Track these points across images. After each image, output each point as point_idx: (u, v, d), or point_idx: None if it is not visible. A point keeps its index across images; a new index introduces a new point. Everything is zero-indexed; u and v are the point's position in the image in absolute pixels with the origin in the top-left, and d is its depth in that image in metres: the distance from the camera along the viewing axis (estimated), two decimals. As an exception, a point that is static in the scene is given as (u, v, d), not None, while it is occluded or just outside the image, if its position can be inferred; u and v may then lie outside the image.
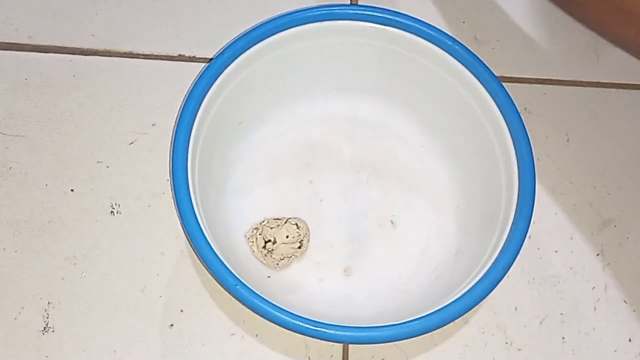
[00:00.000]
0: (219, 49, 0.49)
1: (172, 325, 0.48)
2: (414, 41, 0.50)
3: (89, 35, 0.57)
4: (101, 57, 0.57)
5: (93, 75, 0.56)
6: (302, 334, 0.41)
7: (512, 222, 0.45)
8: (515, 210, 0.45)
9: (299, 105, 0.54)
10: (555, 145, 0.57)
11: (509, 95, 0.48)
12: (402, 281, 0.50)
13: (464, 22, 0.61)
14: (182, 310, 0.48)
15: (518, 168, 0.47)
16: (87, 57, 0.57)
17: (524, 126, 0.47)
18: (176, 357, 0.47)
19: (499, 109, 0.48)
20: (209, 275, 0.49)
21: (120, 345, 0.47)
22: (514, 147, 0.47)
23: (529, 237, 0.50)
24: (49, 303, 0.48)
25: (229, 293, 0.42)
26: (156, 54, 0.57)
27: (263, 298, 0.41)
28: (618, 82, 0.60)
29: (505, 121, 0.48)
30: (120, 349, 0.47)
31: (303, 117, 0.54)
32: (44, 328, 0.47)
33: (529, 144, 0.47)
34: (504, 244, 0.44)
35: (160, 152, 0.53)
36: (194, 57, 0.57)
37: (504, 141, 0.48)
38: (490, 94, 0.49)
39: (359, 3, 0.60)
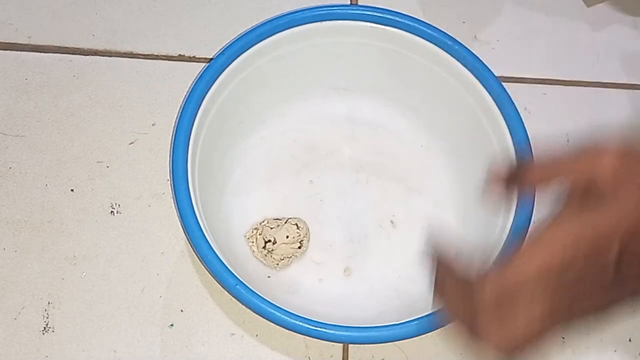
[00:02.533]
0: (219, 49, 0.49)
1: (172, 325, 0.48)
2: (414, 41, 0.50)
3: (89, 35, 0.57)
4: (101, 57, 0.57)
5: (93, 75, 0.56)
6: (302, 333, 0.41)
7: (512, 223, 0.45)
8: (515, 211, 0.45)
9: (299, 105, 0.54)
10: (555, 145, 0.57)
11: (509, 95, 0.48)
12: (402, 281, 0.50)
13: (464, 22, 0.61)
14: (182, 310, 0.48)
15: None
16: (87, 57, 0.57)
17: (523, 126, 0.48)
18: (176, 357, 0.47)
19: (499, 109, 0.48)
20: (209, 275, 0.49)
21: (120, 345, 0.47)
22: (514, 147, 0.47)
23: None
24: (49, 303, 0.48)
25: (229, 293, 0.42)
26: (156, 54, 0.57)
27: (263, 298, 0.41)
28: (618, 82, 0.60)
29: (505, 121, 0.48)
30: (120, 349, 0.47)
31: (303, 117, 0.54)
32: (44, 328, 0.47)
33: (530, 144, 0.47)
34: (503, 244, 0.44)
35: (160, 152, 0.53)
36: (194, 57, 0.57)
37: (504, 141, 0.48)
38: (490, 94, 0.49)
39: (359, 3, 0.60)
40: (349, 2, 0.60)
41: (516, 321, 0.28)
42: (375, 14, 0.50)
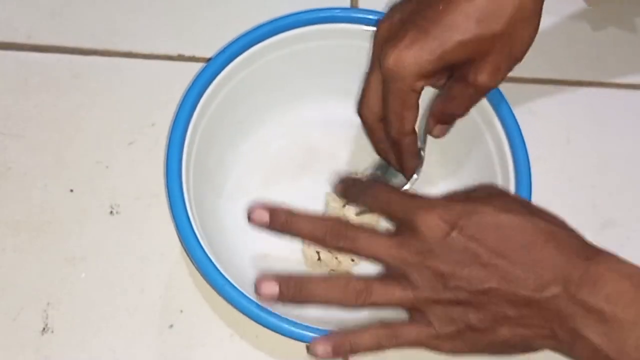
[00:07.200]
0: (218, 49, 0.49)
1: (171, 326, 0.48)
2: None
3: (89, 35, 0.57)
4: (101, 57, 0.57)
5: (93, 75, 0.56)
6: (280, 333, 0.41)
7: None
8: None
9: (299, 107, 0.54)
10: (555, 145, 0.57)
11: (508, 103, 0.49)
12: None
13: (464, 22, 0.61)
14: (181, 311, 0.48)
15: (516, 181, 0.47)
16: (87, 57, 0.57)
17: (520, 131, 0.48)
18: (176, 358, 0.47)
19: (496, 113, 0.49)
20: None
21: (120, 345, 0.47)
22: (511, 153, 0.48)
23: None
24: (48, 303, 0.48)
25: (218, 293, 0.42)
26: (156, 54, 0.57)
27: (250, 299, 0.41)
28: (618, 82, 0.60)
29: (502, 126, 0.48)
30: (120, 350, 0.47)
31: (302, 119, 0.54)
32: (43, 329, 0.47)
33: (525, 149, 0.47)
34: None
35: (159, 152, 0.53)
36: (193, 57, 0.57)
37: (501, 147, 0.48)
38: (489, 101, 0.49)
39: (359, 6, 0.60)
40: (349, 5, 0.60)
41: None
42: (375, 17, 0.50)
